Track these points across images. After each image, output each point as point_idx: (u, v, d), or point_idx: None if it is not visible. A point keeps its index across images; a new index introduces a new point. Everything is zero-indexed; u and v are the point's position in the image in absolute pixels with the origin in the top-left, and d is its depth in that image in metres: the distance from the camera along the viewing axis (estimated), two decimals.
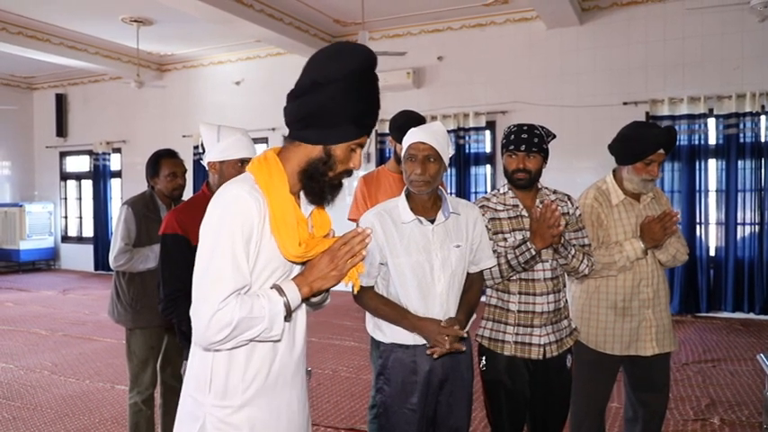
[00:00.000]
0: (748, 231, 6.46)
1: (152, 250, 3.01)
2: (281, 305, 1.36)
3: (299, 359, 1.53)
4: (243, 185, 1.39)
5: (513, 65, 7.46)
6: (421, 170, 2.02)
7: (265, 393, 1.45)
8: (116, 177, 10.66)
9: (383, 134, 8.09)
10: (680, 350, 5.25)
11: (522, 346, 2.23)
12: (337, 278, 1.41)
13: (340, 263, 1.39)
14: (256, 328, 1.34)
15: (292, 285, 1.40)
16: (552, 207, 2.10)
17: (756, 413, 3.80)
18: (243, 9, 6.75)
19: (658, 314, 2.52)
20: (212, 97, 9.57)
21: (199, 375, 1.45)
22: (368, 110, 1.44)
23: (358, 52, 1.41)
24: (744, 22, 6.33)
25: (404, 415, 2.06)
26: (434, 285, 2.05)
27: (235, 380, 1.42)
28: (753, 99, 6.25)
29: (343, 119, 1.40)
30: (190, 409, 1.47)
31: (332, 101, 1.38)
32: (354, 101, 1.40)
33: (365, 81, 1.43)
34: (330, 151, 1.42)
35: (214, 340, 1.33)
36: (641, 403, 2.60)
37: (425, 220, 2.07)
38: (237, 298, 1.33)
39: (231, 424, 1.42)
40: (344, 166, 1.45)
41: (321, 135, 1.41)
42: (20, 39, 7.88)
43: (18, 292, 8.94)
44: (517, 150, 2.25)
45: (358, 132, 1.43)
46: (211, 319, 1.30)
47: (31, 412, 4.00)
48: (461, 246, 2.09)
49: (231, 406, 1.42)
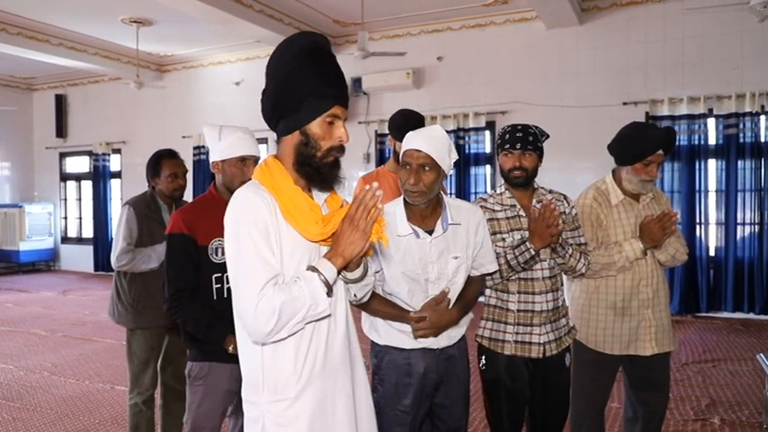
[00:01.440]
0: (748, 231, 6.45)
1: (154, 250, 3.01)
2: (317, 280, 1.39)
3: (343, 340, 1.54)
4: (248, 188, 1.46)
5: (513, 65, 7.46)
6: (414, 180, 1.94)
7: (318, 380, 1.48)
8: (116, 178, 10.66)
9: (382, 134, 8.09)
10: (680, 350, 5.25)
11: (522, 345, 2.24)
12: (363, 238, 1.42)
13: (361, 223, 1.41)
14: (302, 310, 1.37)
15: (324, 260, 1.43)
16: (551, 207, 2.10)
17: (756, 413, 3.80)
18: (242, 9, 6.75)
19: (658, 314, 2.52)
20: (212, 98, 9.57)
21: (251, 377, 1.49)
22: (325, 82, 1.47)
23: (301, 36, 1.49)
24: (743, 21, 6.33)
25: (396, 416, 2.05)
26: (428, 295, 2.03)
27: (287, 372, 1.45)
28: (752, 99, 6.24)
29: (302, 98, 1.44)
30: (249, 414, 1.50)
31: (287, 85, 1.44)
32: (307, 78, 1.44)
33: (314, 58, 1.46)
34: (306, 132, 1.46)
35: (266, 331, 1.36)
36: (641, 403, 2.60)
37: (423, 233, 2.01)
38: (275, 286, 1.37)
39: (289, 416, 1.45)
40: (329, 143, 1.48)
41: (290, 122, 1.47)
42: (19, 39, 7.88)
43: (18, 292, 8.94)
44: (513, 149, 2.26)
45: (323, 105, 1.45)
46: (256, 312, 1.34)
47: (31, 413, 4.00)
48: (460, 257, 2.04)
49: (287, 398, 1.45)
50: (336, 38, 8.35)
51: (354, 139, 8.20)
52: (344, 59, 8.10)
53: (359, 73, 8.05)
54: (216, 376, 2.22)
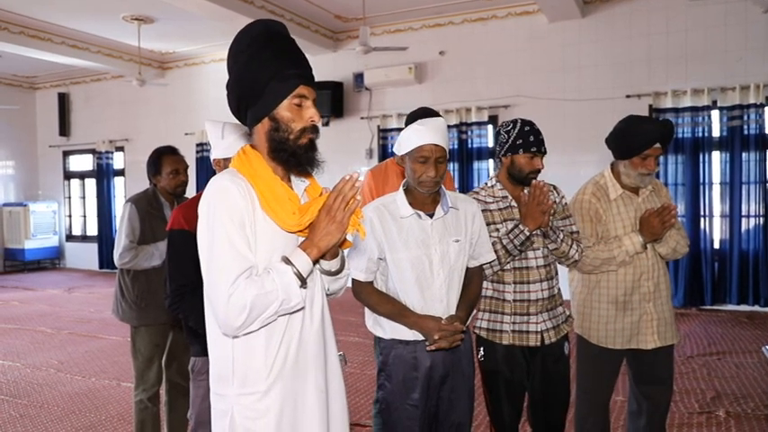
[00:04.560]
0: (753, 224, 6.43)
1: (156, 248, 3.01)
2: (290, 273, 1.37)
3: (317, 335, 1.51)
4: (225, 176, 1.43)
5: (515, 59, 7.44)
6: (435, 173, 2.03)
7: (289, 375, 1.45)
8: (119, 176, 10.68)
9: (385, 129, 8.08)
10: (685, 343, 5.24)
11: (520, 335, 2.27)
12: (340, 230, 1.40)
13: (338, 214, 1.39)
14: (275, 303, 1.35)
15: (299, 251, 1.41)
16: (540, 185, 2.17)
17: (762, 405, 3.79)
18: (244, 6, 6.73)
19: (659, 307, 2.52)
20: (214, 94, 9.55)
21: (220, 369, 1.46)
22: (286, 64, 1.44)
23: (253, 24, 1.47)
24: (747, 13, 6.29)
25: (406, 411, 2.07)
26: (433, 280, 2.05)
27: (257, 364, 1.42)
28: (756, 91, 6.21)
29: (263, 83, 1.42)
30: (217, 406, 1.48)
31: (247, 73, 1.43)
32: (266, 62, 1.42)
33: (269, 42, 1.44)
34: (275, 117, 1.44)
35: (237, 324, 1.34)
36: (645, 396, 2.60)
37: (424, 215, 2.08)
38: (247, 280, 1.34)
39: (258, 410, 1.42)
40: (300, 124, 1.44)
41: (257, 109, 1.45)
42: (21, 38, 7.89)
43: (23, 290, 8.99)
44: (538, 152, 2.29)
45: (287, 86, 1.43)
46: (227, 305, 1.33)
47: (38, 410, 4.02)
48: (460, 240, 2.10)
49: (257, 392, 1.42)
50: (338, 33, 8.34)
51: (357, 135, 8.22)
52: (346, 55, 8.18)
53: (361, 68, 8.03)
54: None
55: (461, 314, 2.08)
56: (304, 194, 1.52)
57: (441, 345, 1.98)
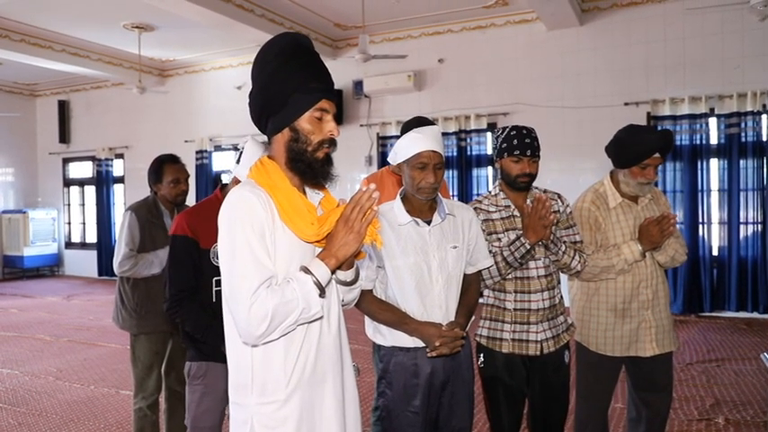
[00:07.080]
0: (751, 231, 6.44)
1: (156, 256, 3.02)
2: (310, 283, 1.39)
3: (335, 344, 1.53)
4: (244, 187, 1.45)
5: (514, 66, 7.47)
6: (434, 179, 2.05)
7: (307, 383, 1.46)
8: (119, 183, 10.69)
9: (384, 137, 8.11)
10: (684, 350, 5.24)
11: (520, 343, 2.27)
12: (357, 240, 1.42)
13: (355, 225, 1.41)
14: (295, 312, 1.37)
15: (317, 261, 1.43)
16: (542, 199, 2.16)
17: (761, 412, 3.79)
18: (244, 14, 6.77)
19: (658, 315, 2.53)
20: (214, 102, 9.59)
21: (239, 379, 1.47)
22: (309, 76, 1.47)
23: (279, 37, 1.50)
24: (744, 21, 6.33)
25: (407, 418, 2.07)
26: (432, 287, 2.06)
27: (276, 373, 1.44)
28: (754, 98, 6.24)
29: (287, 94, 1.45)
30: (236, 416, 1.49)
31: (272, 84, 1.45)
32: (290, 74, 1.45)
33: (296, 55, 1.47)
34: (295, 128, 1.46)
35: (258, 333, 1.35)
36: (644, 403, 2.60)
37: (422, 222, 2.10)
38: (268, 289, 1.36)
39: (278, 419, 1.43)
40: (319, 137, 1.47)
41: (279, 119, 1.47)
42: (22, 46, 7.92)
43: (22, 298, 8.97)
44: (523, 155, 2.27)
45: (310, 99, 1.45)
46: (248, 314, 1.34)
47: (37, 418, 4.01)
48: (458, 247, 2.11)
49: (277, 401, 1.44)
50: (337, 41, 8.37)
51: (356, 142, 8.24)
52: (345, 62, 8.21)
53: (360, 76, 8.07)
54: (214, 376, 2.24)
55: (461, 320, 2.09)
56: (318, 207, 1.54)
57: (442, 351, 1.99)
